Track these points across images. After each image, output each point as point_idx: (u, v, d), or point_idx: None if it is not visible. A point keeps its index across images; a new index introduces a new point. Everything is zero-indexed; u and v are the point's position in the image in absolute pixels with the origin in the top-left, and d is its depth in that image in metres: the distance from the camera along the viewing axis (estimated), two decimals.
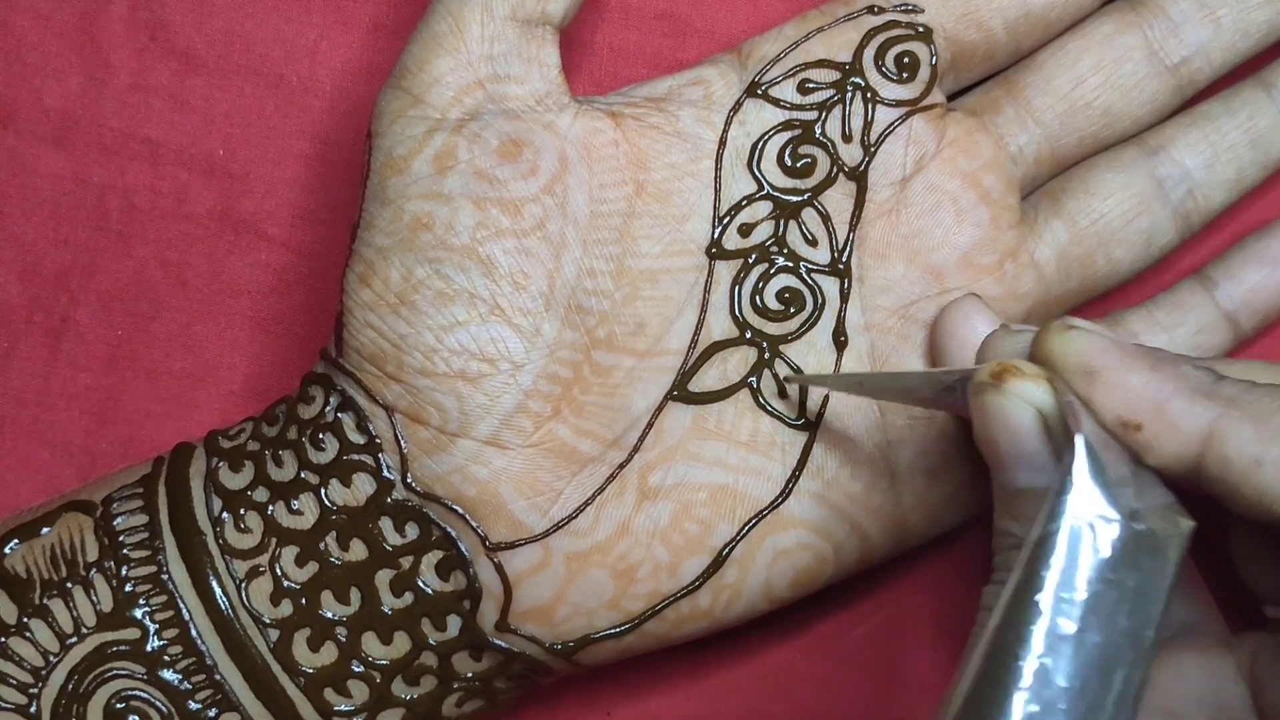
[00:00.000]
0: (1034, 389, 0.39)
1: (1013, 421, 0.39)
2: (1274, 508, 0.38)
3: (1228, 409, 0.38)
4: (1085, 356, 0.39)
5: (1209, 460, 0.38)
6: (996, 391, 0.39)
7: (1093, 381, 0.39)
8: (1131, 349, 0.39)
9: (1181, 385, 0.38)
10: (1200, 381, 0.39)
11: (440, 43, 0.47)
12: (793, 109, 0.48)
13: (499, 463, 0.45)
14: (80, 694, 0.46)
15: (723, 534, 0.47)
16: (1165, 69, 0.50)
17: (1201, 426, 0.38)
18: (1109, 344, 0.39)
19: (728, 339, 0.48)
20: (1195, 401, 0.38)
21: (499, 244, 0.45)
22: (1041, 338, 0.40)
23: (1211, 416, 0.38)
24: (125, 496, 0.47)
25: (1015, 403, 0.39)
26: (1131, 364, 0.39)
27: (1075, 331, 0.39)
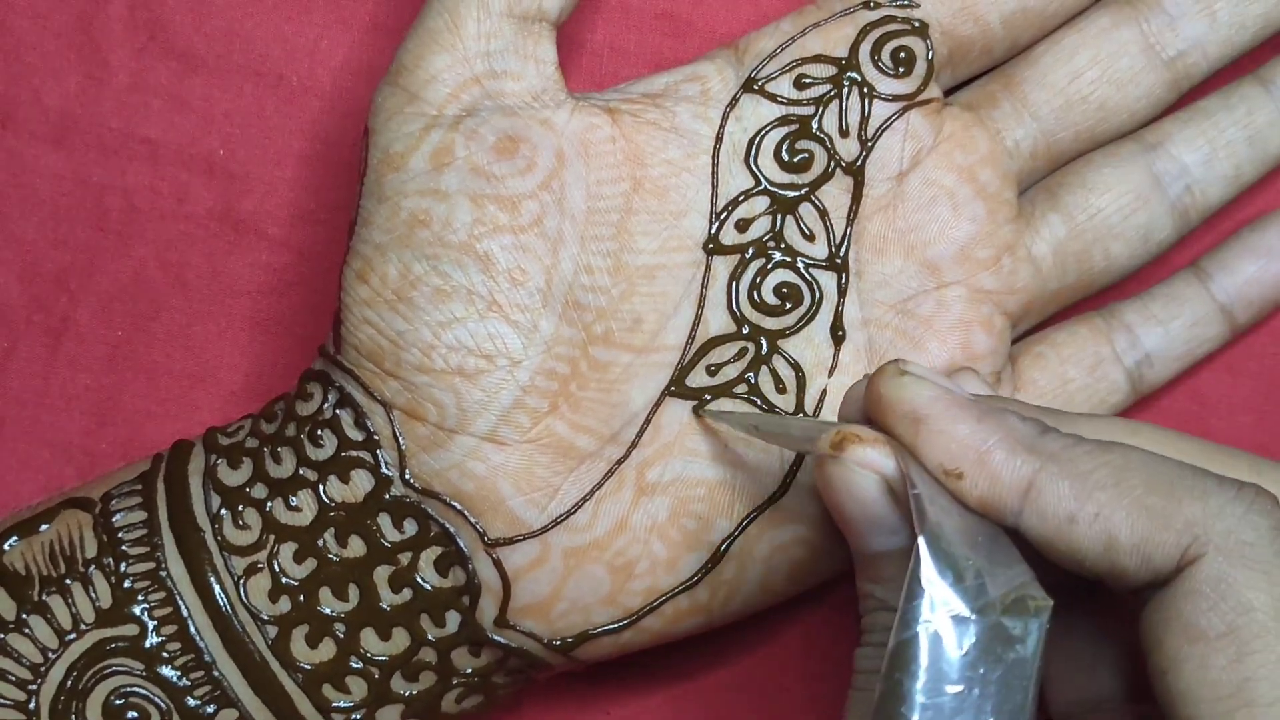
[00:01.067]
0: (874, 454, 0.39)
1: (857, 490, 0.39)
2: (1085, 563, 0.38)
3: (1047, 463, 0.38)
4: (914, 404, 0.39)
5: (1026, 513, 0.38)
6: (837, 463, 0.39)
7: (918, 430, 0.38)
8: (961, 399, 0.39)
9: (1005, 437, 0.38)
10: (1025, 434, 0.38)
11: (436, 39, 0.47)
12: (789, 104, 0.48)
13: (497, 458, 0.45)
14: (79, 690, 0.46)
15: (720, 529, 0.47)
16: (1161, 63, 0.50)
17: (1021, 479, 0.38)
18: (938, 393, 0.39)
19: (725, 334, 0.48)
20: (1016, 454, 0.38)
21: (496, 240, 0.45)
22: (874, 381, 0.40)
23: (1030, 470, 0.38)
24: (124, 494, 0.48)
25: (856, 471, 0.39)
26: (958, 414, 0.38)
27: (907, 378, 0.39)
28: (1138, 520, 0.37)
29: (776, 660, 0.54)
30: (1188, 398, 0.55)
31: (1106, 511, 0.37)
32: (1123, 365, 0.51)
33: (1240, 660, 0.36)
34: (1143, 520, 0.37)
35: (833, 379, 0.48)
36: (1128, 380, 0.51)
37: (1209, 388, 0.55)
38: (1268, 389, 0.55)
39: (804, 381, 0.48)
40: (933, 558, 0.36)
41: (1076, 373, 0.51)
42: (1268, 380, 0.55)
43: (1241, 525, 0.37)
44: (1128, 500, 0.37)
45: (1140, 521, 0.37)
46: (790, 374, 0.48)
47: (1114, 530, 0.37)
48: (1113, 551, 0.37)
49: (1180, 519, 0.37)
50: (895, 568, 0.39)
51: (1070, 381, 0.51)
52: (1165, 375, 0.52)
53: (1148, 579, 0.37)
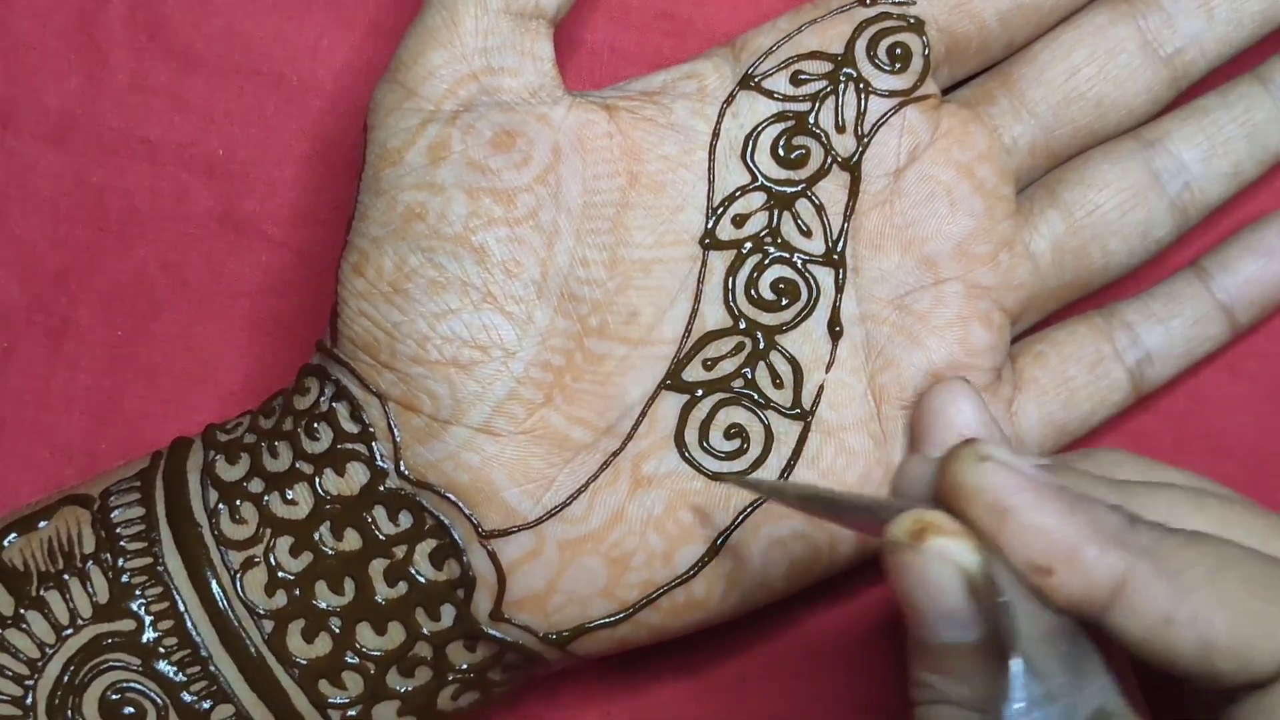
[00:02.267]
0: (956, 548, 0.36)
1: (933, 582, 0.37)
2: (1179, 664, 0.36)
3: (1140, 560, 0.36)
4: (997, 494, 0.36)
5: (1119, 611, 0.36)
6: (914, 551, 0.36)
7: (1004, 522, 0.36)
8: (1046, 488, 0.37)
9: (1096, 530, 0.36)
10: (1115, 527, 0.37)
11: (434, 36, 0.47)
12: (786, 100, 0.48)
13: (491, 450, 0.45)
14: (76, 686, 0.46)
15: (717, 523, 0.47)
16: (1159, 60, 0.50)
17: (1113, 576, 0.36)
18: (1022, 481, 0.37)
19: (722, 329, 0.48)
20: (1108, 550, 0.36)
21: (491, 232, 0.45)
22: (949, 468, 0.37)
23: (1124, 567, 0.36)
24: (122, 490, 0.48)
25: (936, 562, 0.36)
26: (1045, 505, 0.36)
27: (989, 465, 0.37)
28: (1239, 624, 0.36)
29: (778, 658, 0.54)
30: (1188, 397, 0.54)
31: (1205, 614, 0.36)
32: (1124, 363, 0.51)
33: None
34: (1244, 624, 0.36)
35: (830, 374, 0.48)
36: (1129, 379, 0.51)
37: (1209, 387, 0.54)
38: (1268, 389, 0.55)
39: (801, 377, 0.48)
40: (1025, 680, 0.35)
41: (1077, 371, 0.51)
42: (1268, 380, 0.55)
43: None
44: (1227, 603, 0.36)
45: (1241, 625, 0.36)
46: (787, 369, 0.48)
47: (1213, 634, 0.36)
48: (1210, 654, 0.36)
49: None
50: (961, 662, 0.37)
51: (1071, 379, 0.51)
52: (1166, 374, 0.52)
53: (1244, 681, 0.36)
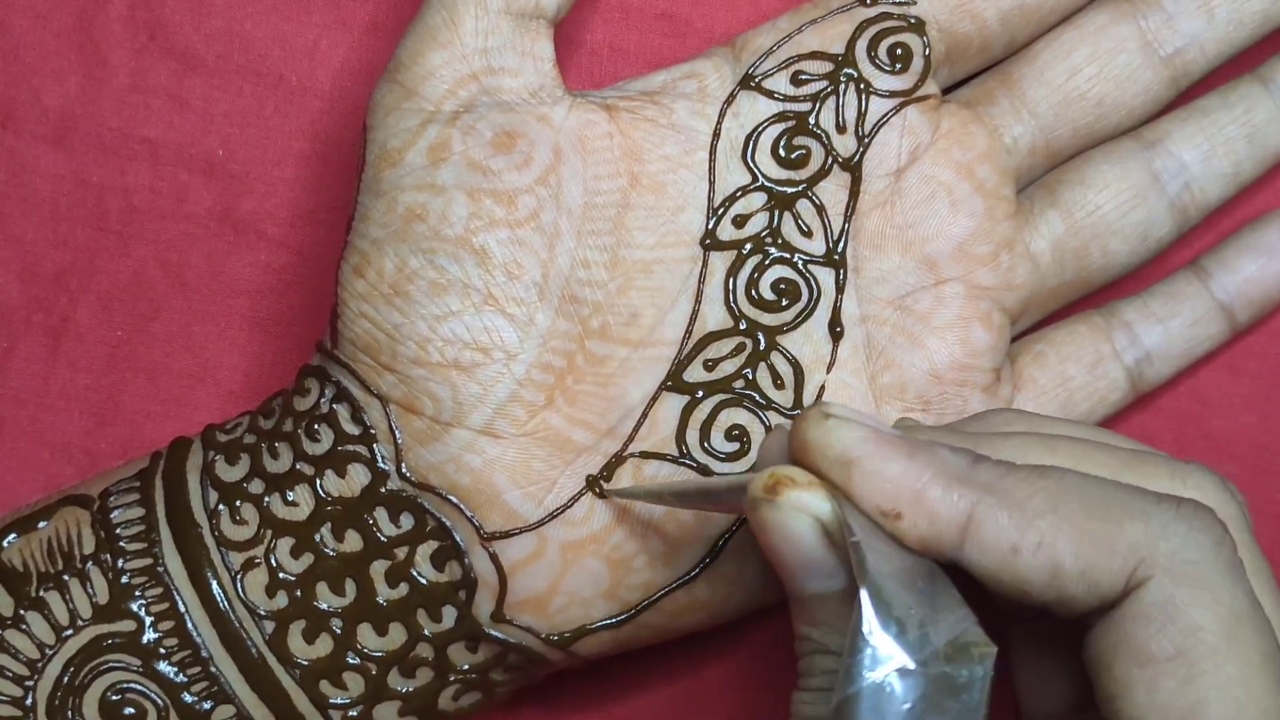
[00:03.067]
0: (809, 498, 0.38)
1: (792, 532, 0.38)
2: (1031, 593, 0.37)
3: (984, 495, 0.37)
4: (842, 447, 0.38)
5: (968, 547, 0.37)
6: (771, 505, 0.38)
7: (850, 472, 0.37)
8: (889, 437, 0.38)
9: (938, 472, 0.37)
10: (957, 467, 0.38)
11: (434, 36, 0.47)
12: (786, 100, 0.48)
13: (493, 452, 0.45)
14: (76, 686, 0.46)
15: (719, 524, 0.47)
16: (1159, 60, 0.50)
17: (959, 514, 0.37)
18: (866, 433, 0.38)
19: (723, 329, 0.48)
20: (952, 489, 0.37)
21: (493, 234, 0.45)
22: (798, 427, 0.38)
23: (968, 504, 0.37)
24: (122, 490, 0.48)
25: (792, 514, 0.38)
26: (888, 452, 0.37)
27: (833, 421, 0.38)
28: (1081, 546, 0.36)
29: (780, 659, 0.54)
30: (1188, 397, 0.54)
31: (1049, 539, 0.37)
32: (1122, 363, 0.51)
33: (1190, 682, 0.36)
34: (1086, 546, 0.36)
35: (831, 375, 0.48)
36: (1128, 378, 0.51)
37: (1209, 387, 0.55)
38: (1268, 388, 0.55)
39: (802, 377, 0.48)
40: (875, 610, 0.35)
41: (1076, 370, 0.51)
42: (1268, 380, 0.55)
43: (1185, 545, 0.36)
44: (1069, 526, 0.37)
45: (1084, 548, 0.36)
46: (788, 370, 0.48)
47: (1058, 558, 0.37)
48: (1058, 580, 0.37)
49: (1124, 542, 0.37)
50: (831, 611, 0.38)
51: (1070, 379, 0.51)
52: (1165, 373, 0.52)
53: (1094, 605, 0.37)
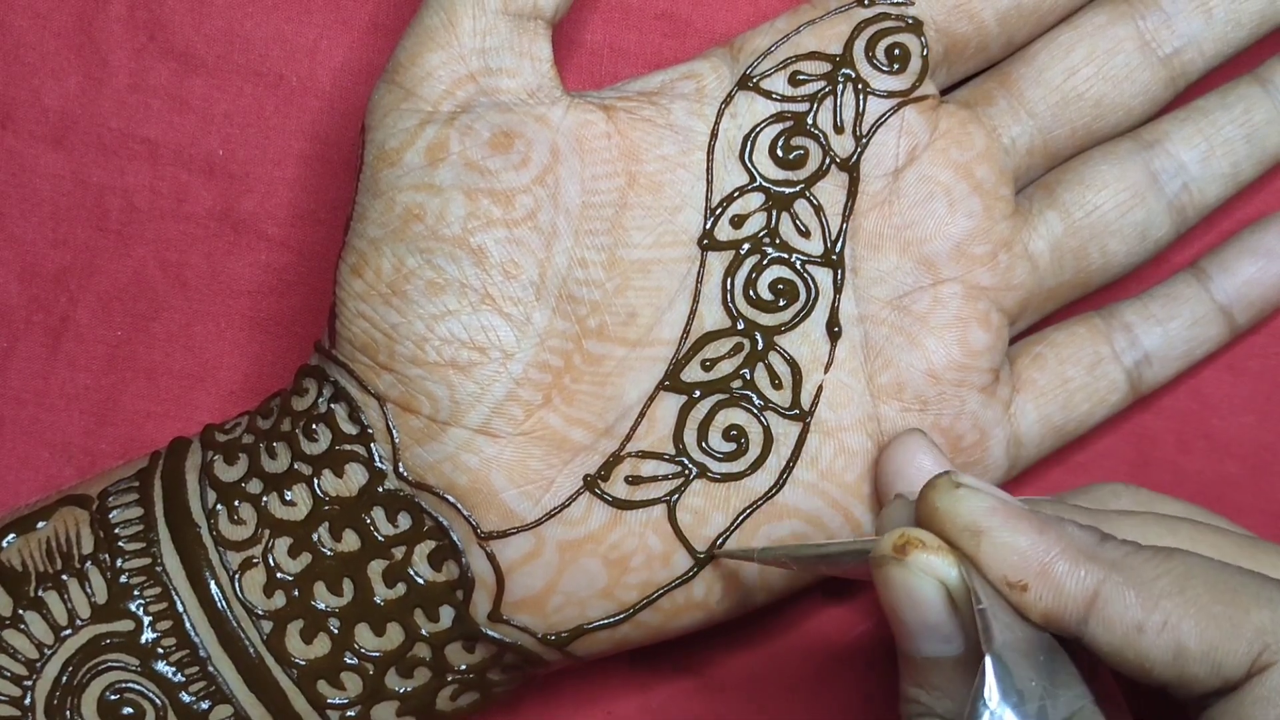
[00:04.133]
0: (938, 562, 0.39)
1: (916, 594, 0.39)
2: (1153, 672, 0.38)
3: (1110, 573, 0.38)
4: (971, 516, 0.39)
5: (1093, 623, 0.38)
6: (899, 565, 0.39)
7: (980, 542, 0.38)
8: (1017, 509, 0.39)
9: (1066, 547, 0.38)
10: (1085, 543, 0.39)
11: (432, 37, 0.47)
12: (784, 101, 0.48)
13: (490, 451, 0.45)
14: (74, 686, 0.46)
15: (716, 523, 0.47)
16: (1157, 60, 0.50)
17: (1086, 590, 0.38)
18: (995, 504, 0.39)
19: (720, 329, 0.48)
20: (1080, 564, 0.38)
21: (490, 234, 0.45)
22: (927, 495, 0.39)
23: (1095, 580, 0.38)
24: (121, 490, 0.48)
25: (918, 576, 0.38)
26: (1018, 525, 0.38)
27: (963, 490, 0.39)
28: (1207, 628, 0.37)
29: (779, 658, 0.54)
30: (1189, 397, 0.55)
31: (1174, 620, 0.37)
32: (1122, 364, 0.51)
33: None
34: (1212, 628, 0.37)
35: (829, 375, 0.48)
36: (1127, 380, 0.51)
37: (1210, 387, 0.55)
38: (1269, 389, 0.55)
39: (800, 378, 0.48)
40: (998, 679, 0.36)
41: (1075, 372, 0.51)
42: (1269, 380, 0.55)
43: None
44: (1195, 608, 0.37)
45: (1209, 630, 0.37)
46: (786, 370, 0.48)
47: (1183, 639, 0.37)
48: (1182, 660, 0.37)
49: (1250, 627, 0.37)
50: (944, 676, 0.39)
51: (1069, 381, 0.51)
52: (1164, 375, 0.52)
53: (1216, 686, 0.37)
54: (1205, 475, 0.55)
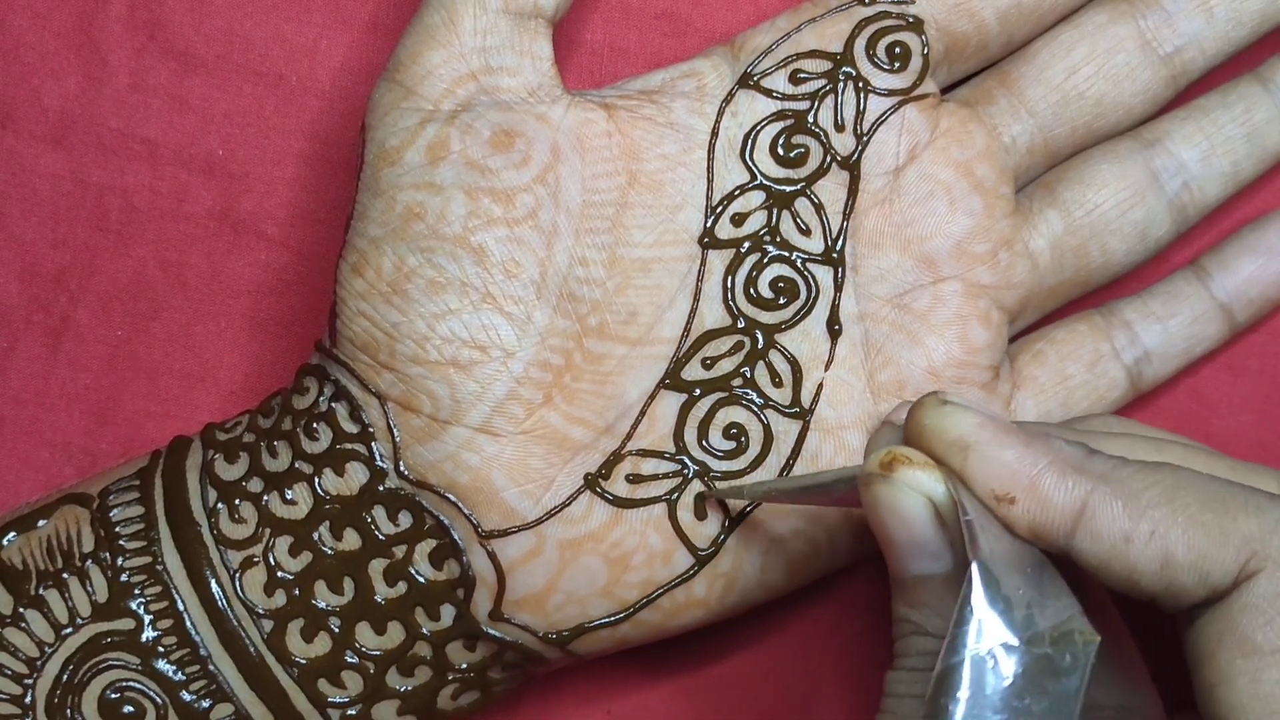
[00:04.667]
0: (924, 477, 0.39)
1: (904, 511, 0.39)
2: (1141, 582, 0.38)
3: (1098, 484, 0.38)
4: (959, 431, 0.39)
5: (1080, 535, 0.38)
6: (886, 482, 0.39)
7: (966, 456, 0.38)
8: (1005, 424, 0.39)
9: (1054, 460, 0.38)
10: (1073, 456, 0.38)
11: (433, 35, 0.47)
12: (785, 99, 0.48)
13: (491, 450, 0.45)
14: (75, 685, 0.46)
15: (717, 522, 0.47)
16: (1158, 59, 0.50)
17: (1073, 502, 0.38)
18: (983, 419, 0.39)
19: (721, 328, 0.48)
20: (1067, 476, 0.38)
21: (491, 233, 0.45)
22: (915, 413, 0.39)
23: (1083, 492, 0.38)
24: (122, 489, 0.48)
25: (905, 492, 0.38)
26: (1005, 439, 0.38)
27: (950, 407, 0.39)
28: (1194, 537, 0.37)
29: (780, 655, 0.54)
30: (1188, 397, 0.55)
31: (1162, 529, 0.37)
32: (1122, 362, 0.51)
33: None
34: (1199, 537, 0.37)
35: (829, 373, 0.48)
36: (1127, 377, 0.51)
37: (1210, 387, 0.55)
38: (1268, 388, 0.55)
39: (800, 376, 0.48)
40: (984, 585, 0.36)
41: (1076, 369, 0.51)
42: (1268, 379, 0.55)
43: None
44: (1183, 517, 0.37)
45: (1197, 538, 0.37)
46: (786, 368, 0.48)
47: (1171, 548, 0.37)
48: (1169, 569, 0.37)
49: (1238, 535, 0.37)
50: (934, 594, 0.39)
51: (1070, 378, 0.51)
52: (1164, 372, 0.52)
53: (1204, 596, 0.37)
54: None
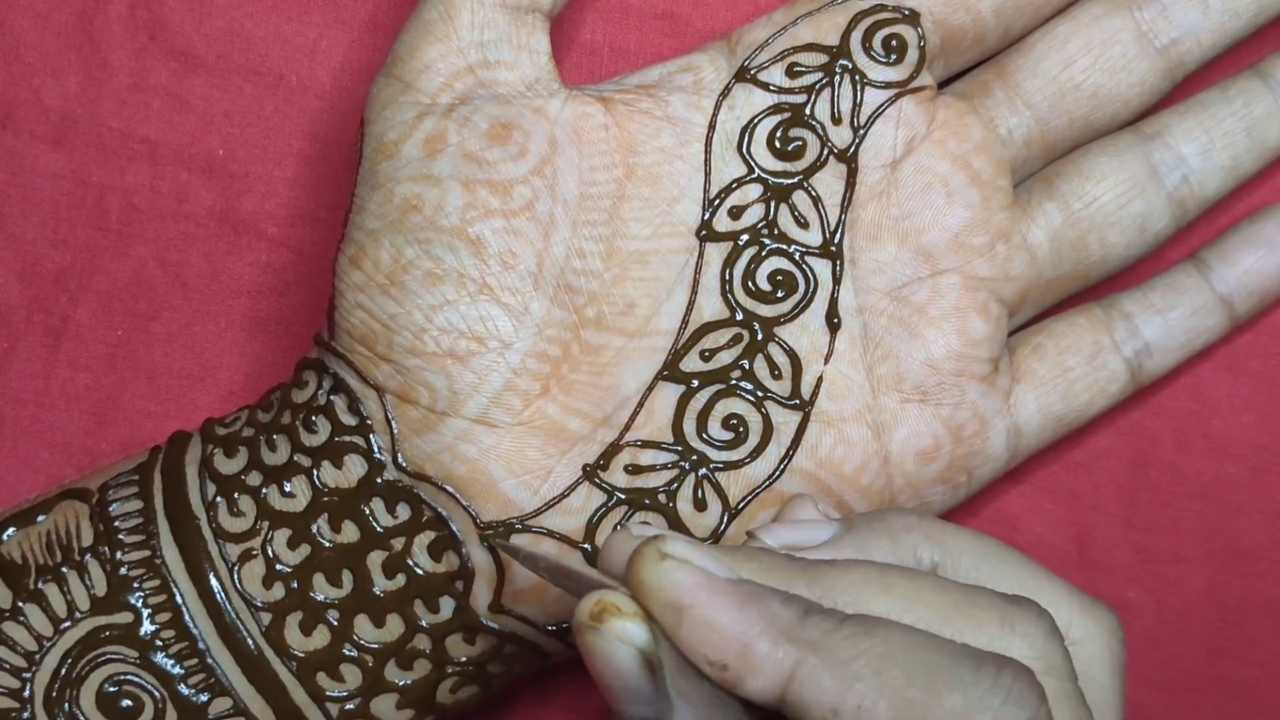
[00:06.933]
0: (632, 629, 0.38)
1: (614, 660, 0.38)
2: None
3: (808, 654, 0.37)
4: (674, 592, 0.38)
5: (790, 703, 0.37)
6: (595, 632, 0.38)
7: (681, 620, 0.37)
8: (722, 584, 0.38)
9: (767, 626, 0.37)
10: (787, 621, 0.37)
11: (431, 30, 0.47)
12: (782, 92, 0.48)
13: (488, 441, 0.45)
14: (73, 678, 0.46)
15: (715, 512, 0.47)
16: (1155, 51, 0.50)
17: (783, 671, 0.37)
18: (699, 579, 0.38)
19: (719, 320, 0.48)
20: (779, 645, 0.37)
21: (488, 224, 0.46)
22: (634, 563, 0.38)
23: (792, 661, 0.37)
24: (121, 484, 0.48)
25: (614, 644, 0.38)
26: (720, 601, 0.37)
27: (669, 563, 0.38)
28: (900, 714, 0.37)
29: None
30: (1188, 397, 0.55)
31: (869, 704, 0.36)
32: (1122, 355, 0.51)
33: None
34: (905, 714, 0.37)
35: (829, 366, 0.48)
36: (1127, 369, 0.51)
37: (1210, 387, 0.54)
38: (1269, 389, 0.55)
39: (800, 369, 0.48)
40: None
41: (1075, 362, 0.51)
42: (1269, 380, 0.55)
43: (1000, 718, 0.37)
44: (889, 693, 0.37)
45: (901, 714, 0.37)
46: (785, 361, 0.48)
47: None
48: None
49: (942, 713, 0.37)
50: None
51: (1069, 371, 0.51)
52: (1165, 365, 0.52)
53: None
54: (1205, 475, 0.55)
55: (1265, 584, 0.54)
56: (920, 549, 0.42)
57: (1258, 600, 0.55)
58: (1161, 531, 0.55)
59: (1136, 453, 0.55)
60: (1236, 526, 0.55)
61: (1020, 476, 0.54)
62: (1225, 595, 0.55)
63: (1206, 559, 0.55)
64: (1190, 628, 0.55)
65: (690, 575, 0.38)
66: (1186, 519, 0.55)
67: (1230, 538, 0.55)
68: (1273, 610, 0.54)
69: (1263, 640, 0.55)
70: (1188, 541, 0.55)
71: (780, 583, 0.39)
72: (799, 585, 0.39)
